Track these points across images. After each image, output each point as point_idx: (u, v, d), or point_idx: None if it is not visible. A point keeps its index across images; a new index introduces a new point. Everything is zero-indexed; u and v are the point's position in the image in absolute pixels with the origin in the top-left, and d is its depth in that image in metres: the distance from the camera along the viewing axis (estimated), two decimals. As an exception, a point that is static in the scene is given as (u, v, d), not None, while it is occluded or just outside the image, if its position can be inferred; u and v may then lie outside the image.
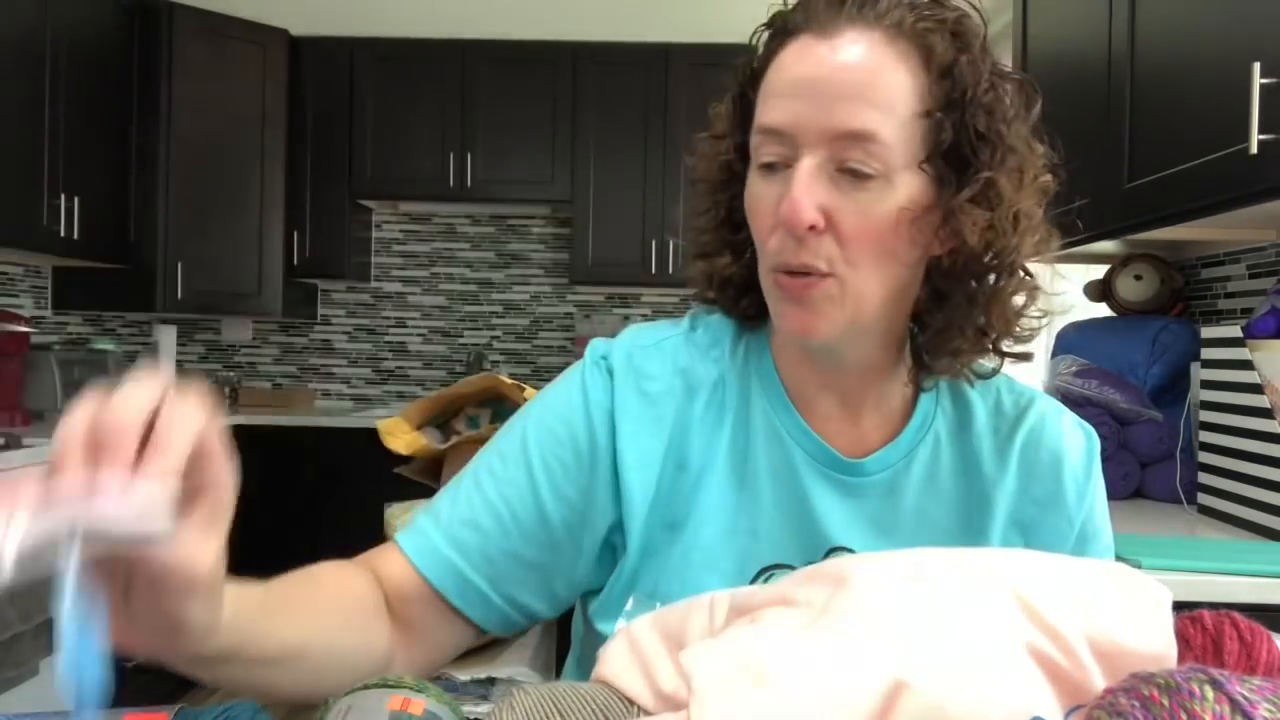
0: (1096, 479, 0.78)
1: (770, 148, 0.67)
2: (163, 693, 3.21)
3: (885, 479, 0.74)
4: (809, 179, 0.64)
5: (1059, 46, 2.08)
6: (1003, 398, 0.78)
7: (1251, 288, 1.96)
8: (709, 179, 0.76)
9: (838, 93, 0.64)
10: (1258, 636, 0.48)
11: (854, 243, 0.65)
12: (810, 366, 0.75)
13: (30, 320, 2.96)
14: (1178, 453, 1.90)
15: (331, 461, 3.43)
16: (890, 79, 0.64)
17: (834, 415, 0.75)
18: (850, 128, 0.63)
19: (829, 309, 0.67)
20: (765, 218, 0.67)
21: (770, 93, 0.67)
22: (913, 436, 0.76)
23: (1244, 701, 0.35)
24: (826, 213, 0.64)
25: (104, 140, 3.17)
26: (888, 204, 0.65)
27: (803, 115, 0.64)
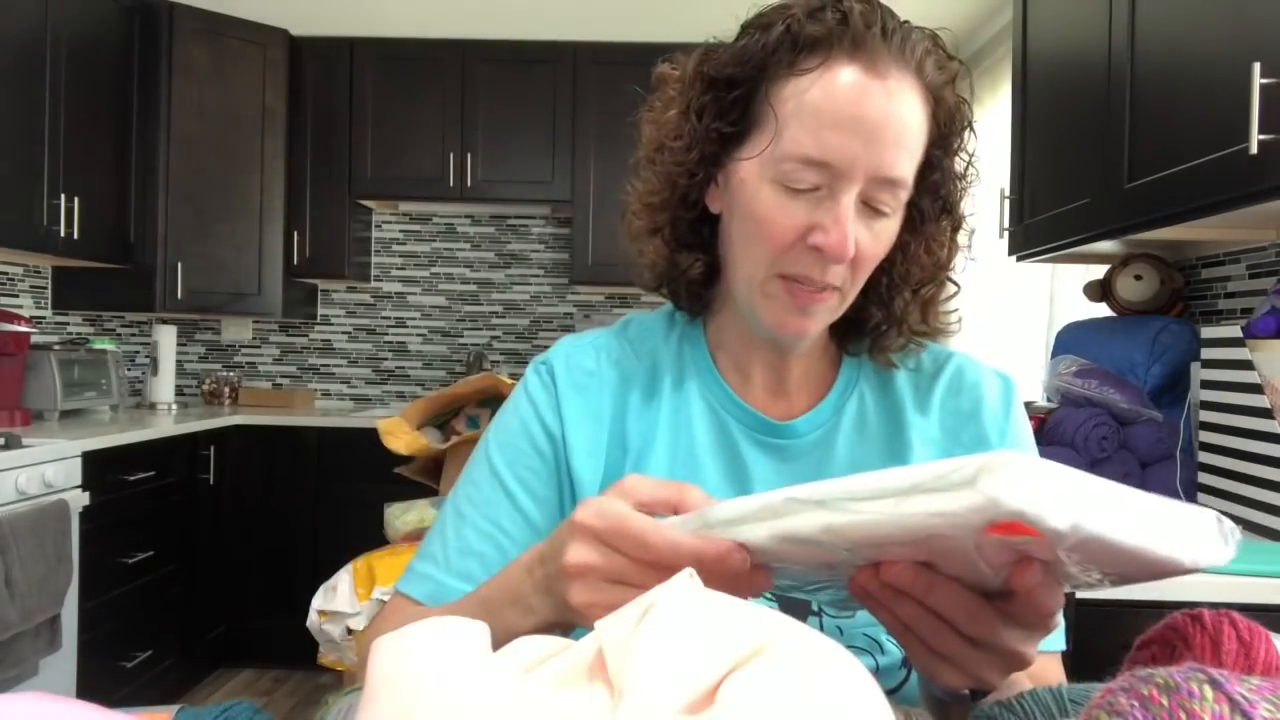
0: (1016, 418, 0.82)
1: (807, 174, 0.69)
2: (163, 693, 3.22)
3: (816, 438, 0.80)
4: (852, 214, 0.69)
5: (1059, 46, 2.08)
6: (922, 358, 0.85)
7: (1251, 288, 1.96)
8: (675, 160, 0.77)
9: (887, 138, 0.68)
10: (1256, 636, 0.48)
11: (864, 267, 0.72)
12: (750, 345, 0.81)
13: (30, 320, 2.96)
14: (1178, 453, 1.90)
15: (331, 461, 3.43)
16: (918, 123, 0.70)
17: (766, 388, 0.82)
18: (893, 175, 0.69)
19: (826, 316, 0.75)
20: (785, 234, 0.70)
21: (818, 120, 0.68)
22: (838, 397, 0.82)
23: (1243, 701, 0.35)
24: (855, 244, 0.70)
25: (104, 140, 3.17)
26: (892, 233, 0.73)
27: (853, 153, 0.67)
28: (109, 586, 2.70)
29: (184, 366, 4.05)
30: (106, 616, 2.67)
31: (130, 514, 2.82)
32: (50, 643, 2.31)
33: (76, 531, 2.43)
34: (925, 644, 0.51)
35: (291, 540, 3.45)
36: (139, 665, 2.84)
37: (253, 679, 3.42)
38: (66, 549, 2.35)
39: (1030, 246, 2.12)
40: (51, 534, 2.29)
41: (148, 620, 2.93)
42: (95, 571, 2.58)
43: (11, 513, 2.17)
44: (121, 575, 2.77)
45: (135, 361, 3.89)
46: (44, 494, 2.34)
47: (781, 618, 0.41)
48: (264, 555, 3.46)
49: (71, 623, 2.43)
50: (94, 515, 2.54)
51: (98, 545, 2.60)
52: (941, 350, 0.85)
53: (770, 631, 0.38)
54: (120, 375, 3.39)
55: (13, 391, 2.84)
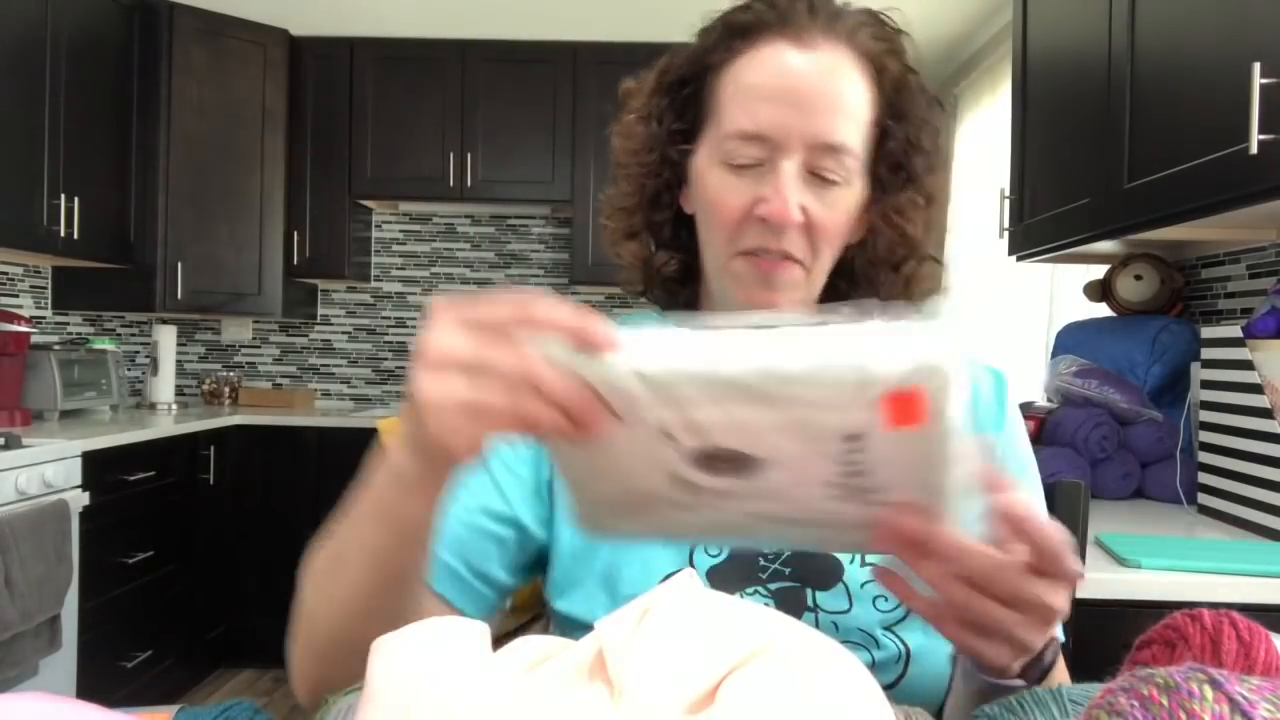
0: (1009, 410, 0.83)
1: (747, 149, 0.72)
2: (163, 693, 3.22)
3: None
4: (793, 181, 0.71)
5: (1059, 46, 2.08)
6: None
7: (1251, 288, 1.96)
8: (642, 163, 0.81)
9: (820, 105, 0.70)
10: (1256, 636, 0.48)
11: (822, 236, 0.73)
12: None
13: (30, 320, 2.96)
14: (1178, 453, 1.90)
15: (331, 461, 3.43)
16: (857, 91, 0.72)
17: None
18: (831, 140, 0.71)
19: (793, 291, 0.75)
20: (734, 211, 0.73)
21: (749, 93, 0.72)
22: None
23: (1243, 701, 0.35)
24: (804, 211, 0.72)
25: (104, 140, 3.17)
26: (849, 203, 0.74)
27: (786, 122, 0.70)
28: (109, 586, 2.70)
29: (184, 366, 4.05)
30: (106, 616, 2.67)
31: (130, 514, 2.82)
32: (50, 643, 2.31)
33: (76, 531, 2.43)
34: (960, 618, 0.52)
35: (291, 540, 3.43)
36: (139, 665, 2.84)
37: (253, 679, 3.42)
38: (66, 549, 2.35)
39: (1030, 246, 2.12)
40: (51, 534, 2.29)
41: (148, 620, 2.93)
42: (95, 571, 2.58)
43: (11, 513, 2.17)
44: (121, 575, 2.77)
45: (135, 361, 3.89)
46: (44, 494, 2.34)
47: (781, 617, 0.41)
48: (264, 555, 3.46)
49: (71, 623, 2.43)
50: (94, 515, 2.54)
51: (98, 545, 2.60)
52: None
53: (770, 631, 0.38)
54: (120, 375, 3.39)
55: (13, 391, 2.84)
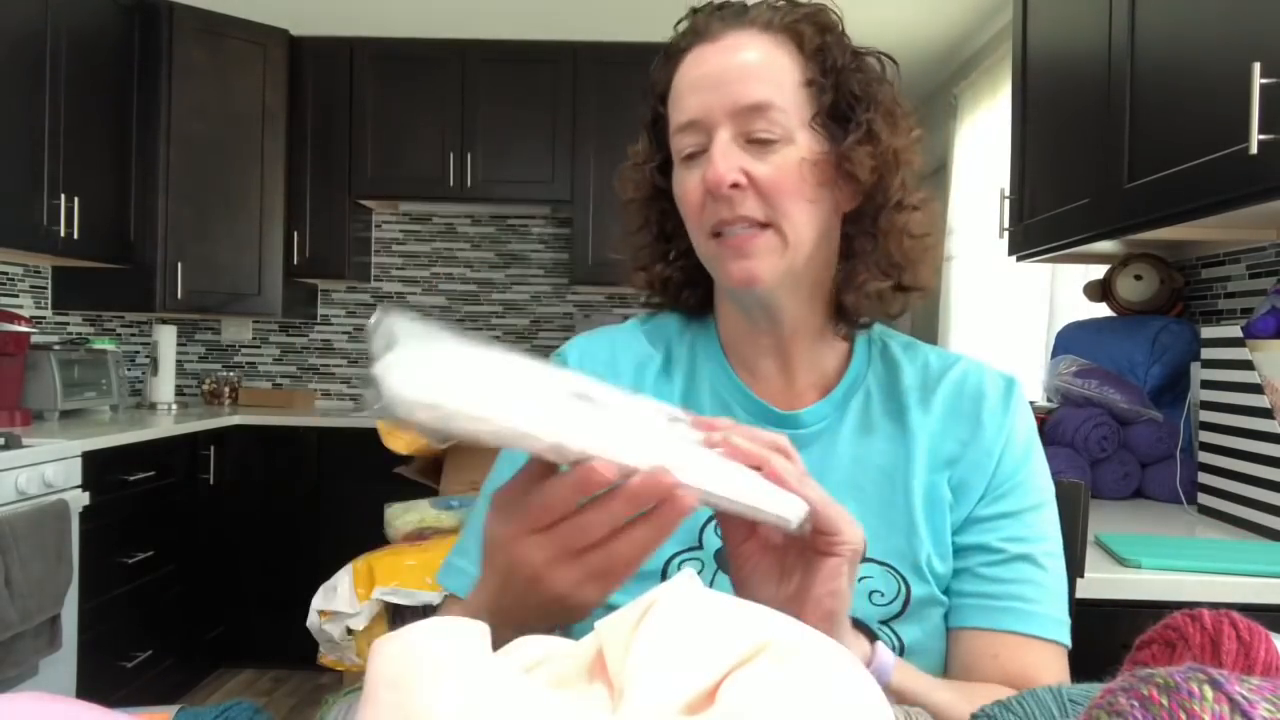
0: (1016, 414, 0.83)
1: (688, 139, 0.78)
2: (163, 693, 3.22)
3: (821, 430, 0.83)
4: (725, 147, 0.75)
5: (1059, 46, 2.08)
6: (930, 359, 0.87)
7: (1251, 288, 1.96)
8: (639, 198, 0.88)
9: (733, 77, 0.76)
10: (1256, 636, 0.48)
11: (774, 194, 0.75)
12: (751, 333, 0.84)
13: (30, 320, 2.96)
14: (1178, 453, 1.90)
15: (331, 461, 3.43)
16: (772, 59, 0.77)
17: (773, 377, 0.85)
18: (749, 101, 0.75)
19: (771, 257, 0.77)
20: (695, 196, 0.78)
21: (677, 96, 0.79)
22: (845, 392, 0.84)
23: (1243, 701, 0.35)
24: (745, 172, 0.75)
25: (104, 140, 3.17)
26: (793, 158, 0.76)
27: (708, 102, 0.76)
28: (109, 586, 2.70)
29: (184, 366, 4.05)
30: (106, 616, 2.67)
31: (130, 514, 2.82)
32: (50, 643, 2.31)
33: (76, 531, 2.43)
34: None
35: (291, 540, 3.44)
36: (139, 665, 2.84)
37: (253, 679, 3.42)
38: (66, 549, 2.35)
39: (1030, 246, 2.12)
40: (51, 534, 2.29)
41: (148, 620, 2.93)
42: (95, 571, 2.58)
43: (11, 513, 2.17)
44: (121, 575, 2.77)
45: (135, 361, 3.89)
46: (44, 494, 2.34)
47: (781, 617, 0.41)
48: (264, 555, 3.46)
49: (71, 623, 2.43)
50: (94, 515, 2.54)
51: (98, 545, 2.60)
52: (950, 354, 0.87)
53: (770, 631, 0.38)
54: (120, 375, 3.39)
55: (13, 391, 2.84)
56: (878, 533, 0.77)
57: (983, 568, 0.78)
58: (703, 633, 0.39)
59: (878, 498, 0.80)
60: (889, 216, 0.80)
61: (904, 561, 0.77)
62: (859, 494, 0.80)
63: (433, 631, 0.41)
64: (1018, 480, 0.81)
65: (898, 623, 0.76)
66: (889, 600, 0.77)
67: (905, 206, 0.80)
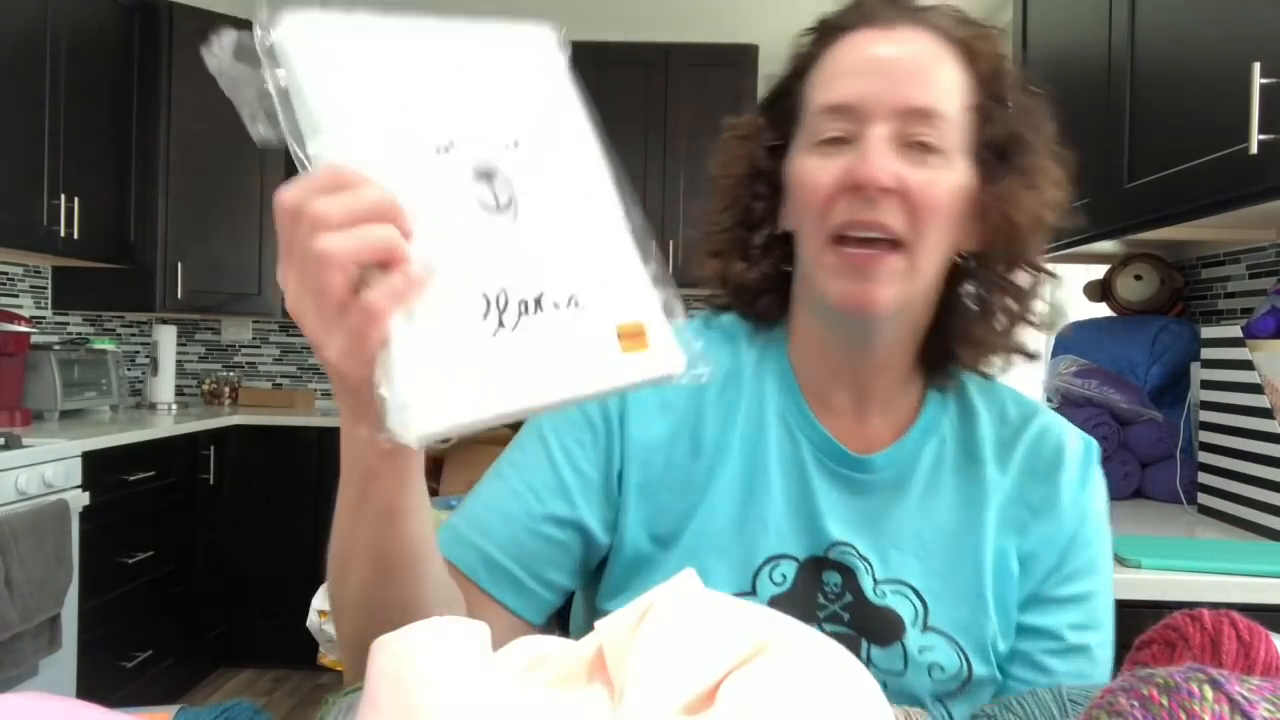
0: (1095, 490, 0.78)
1: (834, 123, 0.69)
2: (163, 693, 3.22)
3: (890, 476, 0.76)
4: (882, 143, 0.67)
5: (1059, 46, 2.08)
6: (1008, 407, 0.80)
7: (1251, 288, 1.96)
8: (732, 175, 0.79)
9: (906, 71, 0.68)
10: (1256, 636, 0.48)
11: (923, 210, 0.67)
12: (829, 361, 0.76)
13: (30, 320, 2.96)
14: (1178, 453, 1.90)
15: (332, 461, 3.42)
16: (946, 70, 0.70)
17: (845, 412, 0.77)
18: (920, 104, 0.67)
19: (894, 283, 0.68)
20: (823, 188, 0.69)
21: (834, 73, 0.71)
22: (919, 436, 0.77)
23: (1243, 701, 0.35)
24: (898, 177, 0.67)
25: (104, 140, 3.17)
26: (951, 178, 0.69)
27: (872, 90, 0.68)
28: (109, 586, 2.70)
29: (184, 366, 4.05)
30: (106, 616, 2.67)
31: (130, 514, 2.82)
32: (50, 643, 2.31)
33: (76, 531, 2.43)
34: None
35: (291, 540, 3.44)
36: (139, 665, 2.84)
37: (253, 679, 3.42)
38: (66, 549, 2.35)
39: (1030, 246, 2.12)
40: (51, 534, 2.29)
41: (148, 620, 2.93)
42: (95, 571, 2.58)
43: (11, 513, 2.17)
44: (121, 575, 2.77)
45: (135, 361, 3.89)
46: (44, 494, 2.34)
47: (782, 618, 0.41)
48: (264, 555, 3.46)
49: (71, 623, 2.43)
50: (94, 515, 2.54)
51: (98, 545, 2.60)
52: (1028, 401, 0.81)
53: (770, 631, 0.38)
54: (120, 375, 3.39)
55: (13, 391, 2.84)
56: (942, 598, 0.73)
57: (1043, 655, 0.74)
58: (702, 633, 0.39)
59: (944, 561, 0.74)
60: (1015, 278, 0.74)
61: (969, 637, 0.72)
62: (924, 552, 0.74)
63: (433, 631, 0.41)
64: (1088, 559, 0.76)
65: (952, 700, 0.73)
66: (948, 677, 0.72)
67: (1039, 268, 0.75)
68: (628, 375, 0.48)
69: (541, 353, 0.46)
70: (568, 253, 0.49)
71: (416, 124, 0.47)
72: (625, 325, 0.49)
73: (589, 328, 0.48)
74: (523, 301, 0.46)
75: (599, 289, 0.49)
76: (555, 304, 0.47)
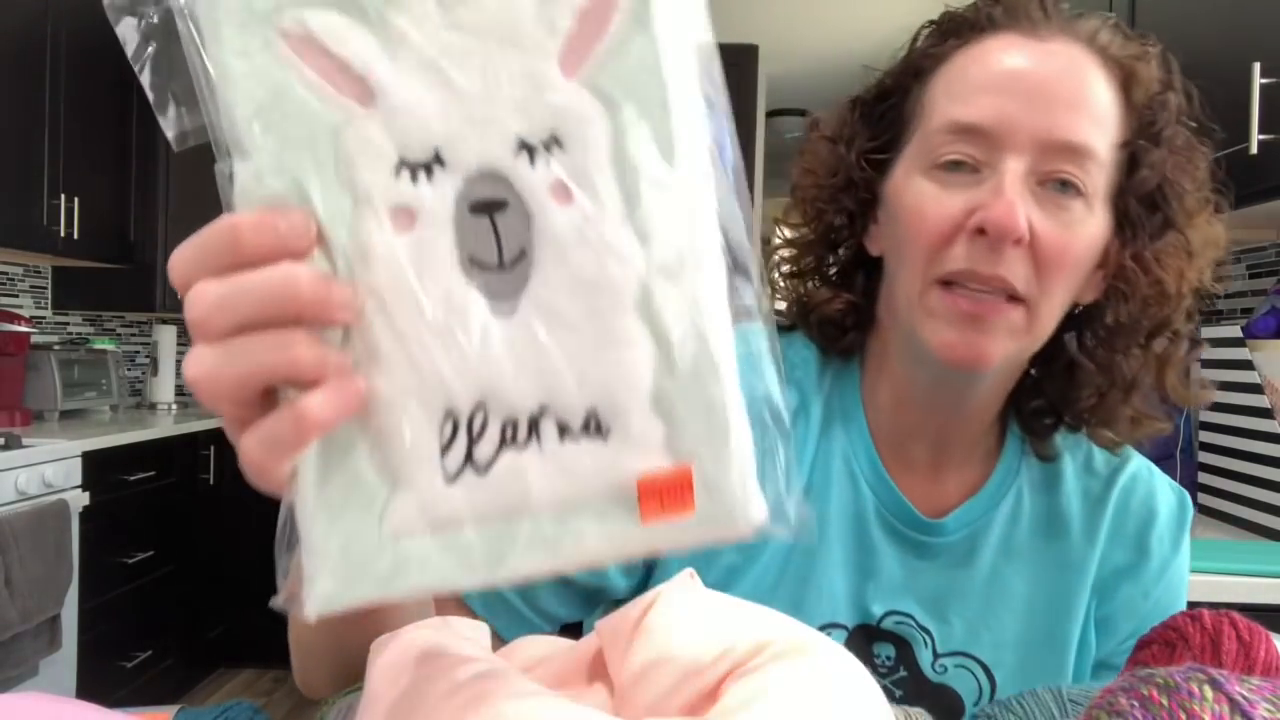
0: (1184, 553, 0.70)
1: (959, 145, 0.59)
2: (163, 693, 3.22)
3: (961, 540, 0.68)
4: (1019, 184, 0.56)
5: (1059, 46, 2.07)
6: (1093, 453, 0.71)
7: (1251, 288, 1.96)
8: (819, 185, 0.68)
9: (1057, 96, 0.57)
10: (1256, 636, 0.48)
11: (1053, 265, 0.57)
12: (911, 411, 0.67)
13: (30, 320, 2.95)
14: (1178, 453, 1.90)
15: (331, 461, 3.43)
16: (1102, 97, 0.59)
17: (919, 466, 0.68)
18: (1071, 139, 0.57)
19: (1007, 339, 0.59)
20: (940, 223, 0.58)
21: (968, 86, 0.60)
22: (994, 492, 0.68)
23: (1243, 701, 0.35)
24: (1030, 226, 0.56)
25: (104, 140, 3.17)
26: (1090, 231, 0.58)
27: (1013, 113, 0.57)
28: (109, 586, 2.70)
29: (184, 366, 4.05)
30: (106, 616, 2.67)
31: (130, 514, 2.82)
32: (50, 643, 2.31)
33: (76, 531, 2.43)
34: None
35: (291, 540, 3.44)
36: (139, 665, 2.84)
37: (253, 679, 3.42)
38: (66, 549, 2.35)
39: (1030, 246, 2.12)
40: (51, 534, 2.29)
41: (148, 620, 2.93)
42: (95, 571, 2.58)
43: (11, 513, 2.17)
44: (121, 575, 2.77)
45: (135, 361, 3.89)
46: (44, 494, 2.34)
47: (782, 617, 0.41)
48: (264, 555, 3.43)
49: (71, 623, 2.43)
50: (94, 515, 2.54)
51: (98, 545, 2.59)
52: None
53: (770, 631, 0.38)
54: (120, 375, 3.39)
55: (13, 391, 2.83)
56: (1014, 675, 0.66)
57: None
58: (702, 632, 0.39)
59: (1016, 634, 0.67)
60: (1164, 342, 0.63)
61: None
62: (995, 623, 0.67)
63: (433, 631, 0.41)
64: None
65: None
66: None
67: (1180, 335, 0.64)
68: (650, 544, 0.31)
69: (519, 511, 0.31)
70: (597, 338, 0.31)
71: (379, 126, 0.30)
72: (654, 476, 0.30)
73: (608, 472, 0.31)
74: (509, 424, 0.31)
75: (637, 403, 0.30)
76: (563, 428, 0.31)
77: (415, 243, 0.30)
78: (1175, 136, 0.61)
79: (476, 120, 0.30)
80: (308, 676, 0.56)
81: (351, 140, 0.31)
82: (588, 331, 0.30)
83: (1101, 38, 0.60)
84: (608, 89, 0.30)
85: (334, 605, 0.32)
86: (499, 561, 0.31)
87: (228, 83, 0.32)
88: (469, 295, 0.30)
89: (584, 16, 0.30)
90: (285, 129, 0.31)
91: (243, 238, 0.32)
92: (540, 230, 0.30)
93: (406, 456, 0.31)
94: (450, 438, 0.31)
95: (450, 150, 0.30)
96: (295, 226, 0.31)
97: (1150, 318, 0.62)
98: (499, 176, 0.30)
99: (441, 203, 0.30)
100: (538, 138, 0.30)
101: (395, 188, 0.30)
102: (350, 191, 0.31)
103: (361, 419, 0.31)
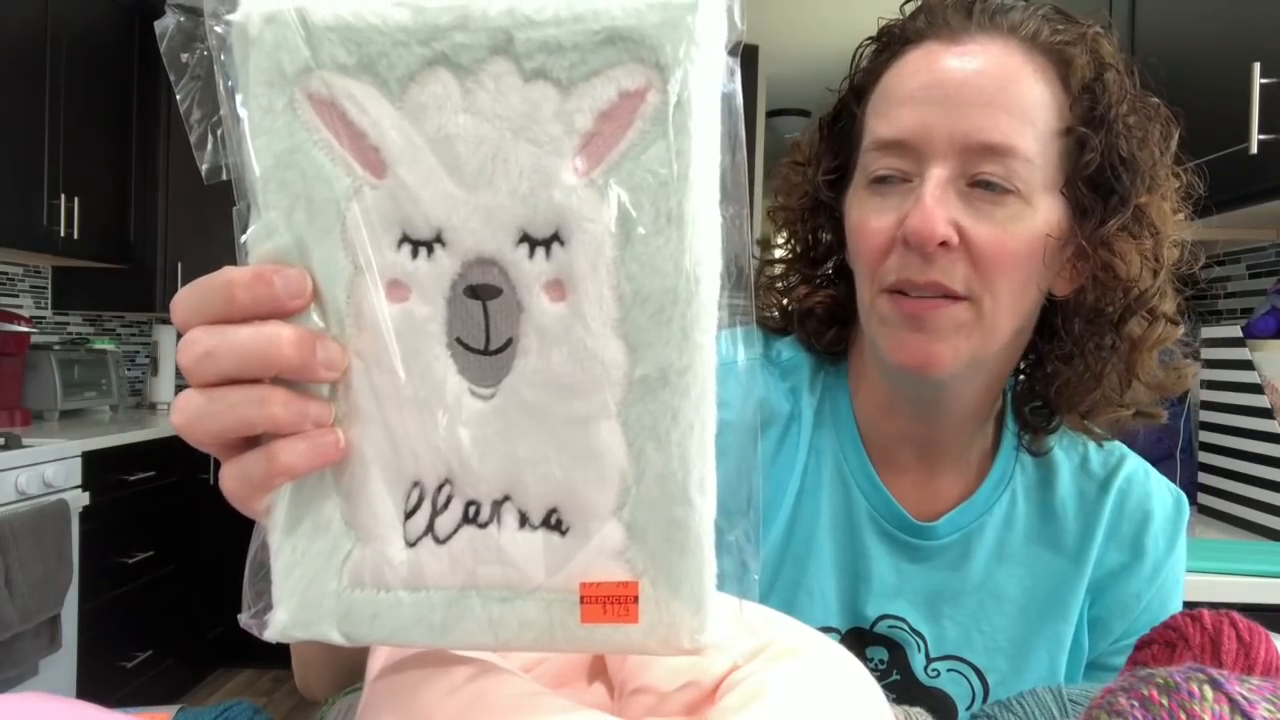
0: (1179, 554, 0.71)
1: (887, 160, 0.60)
2: (163, 693, 3.22)
3: (954, 543, 0.68)
4: (940, 190, 0.57)
5: (1059, 46, 2.08)
6: (1090, 454, 0.70)
7: (1251, 288, 1.96)
8: (789, 208, 0.70)
9: (971, 100, 0.58)
10: (1256, 636, 0.48)
11: (990, 263, 0.57)
12: (896, 415, 0.67)
13: (30, 320, 2.96)
14: (1178, 453, 1.90)
15: (331, 461, 3.43)
16: (1028, 90, 0.58)
17: (909, 469, 0.69)
18: (986, 140, 0.57)
19: (956, 338, 0.59)
20: (876, 236, 0.60)
21: (889, 102, 0.61)
22: (988, 495, 0.68)
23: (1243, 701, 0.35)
24: (959, 228, 0.57)
25: (104, 140, 3.17)
26: (1028, 226, 0.58)
27: (930, 123, 0.58)
28: (109, 586, 2.70)
29: (184, 366, 4.05)
30: (106, 616, 2.67)
31: (130, 514, 2.82)
32: (50, 643, 2.31)
33: (76, 532, 2.43)
34: None
35: (291, 540, 3.44)
36: (139, 665, 2.84)
37: (253, 679, 3.42)
38: (66, 549, 2.35)
39: (1030, 246, 2.12)
40: (51, 534, 2.29)
41: (148, 620, 2.93)
42: (95, 572, 2.58)
43: (11, 513, 2.17)
44: (121, 575, 2.77)
45: (135, 361, 3.89)
46: (44, 494, 2.34)
47: (781, 617, 0.41)
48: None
49: (71, 623, 2.43)
50: (94, 515, 2.54)
51: (98, 545, 2.59)
52: (1113, 448, 0.71)
53: (770, 631, 0.38)
54: (120, 375, 3.39)
55: (13, 391, 2.83)
56: (1007, 678, 0.66)
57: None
58: None
59: (1009, 638, 0.67)
60: (1140, 323, 0.62)
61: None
62: (987, 627, 0.67)
63: None
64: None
65: None
66: None
67: (1160, 315, 0.63)
68: (590, 644, 0.32)
69: (470, 585, 0.32)
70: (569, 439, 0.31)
71: (387, 199, 0.31)
72: (599, 584, 0.31)
73: (559, 568, 0.31)
74: (472, 504, 0.31)
75: (600, 509, 0.31)
76: (523, 517, 0.31)
77: (406, 316, 0.31)
78: (1126, 114, 0.60)
79: (482, 207, 0.30)
80: (308, 679, 0.57)
81: (359, 209, 0.31)
82: (561, 431, 0.31)
83: (1028, 27, 0.60)
84: (619, 194, 0.30)
85: (289, 635, 0.33)
86: (445, 630, 0.32)
87: (250, 135, 0.32)
88: (449, 375, 0.31)
89: (604, 118, 0.30)
90: (297, 188, 0.32)
91: (236, 294, 0.33)
92: (529, 323, 0.30)
93: (371, 515, 0.32)
94: (415, 505, 0.32)
95: (452, 232, 0.31)
96: (291, 285, 0.31)
97: (1119, 298, 0.61)
98: (497, 264, 0.31)
99: (437, 282, 0.31)
100: (540, 232, 0.30)
101: (395, 260, 0.31)
102: (351, 257, 0.31)
103: (337, 470, 0.32)
